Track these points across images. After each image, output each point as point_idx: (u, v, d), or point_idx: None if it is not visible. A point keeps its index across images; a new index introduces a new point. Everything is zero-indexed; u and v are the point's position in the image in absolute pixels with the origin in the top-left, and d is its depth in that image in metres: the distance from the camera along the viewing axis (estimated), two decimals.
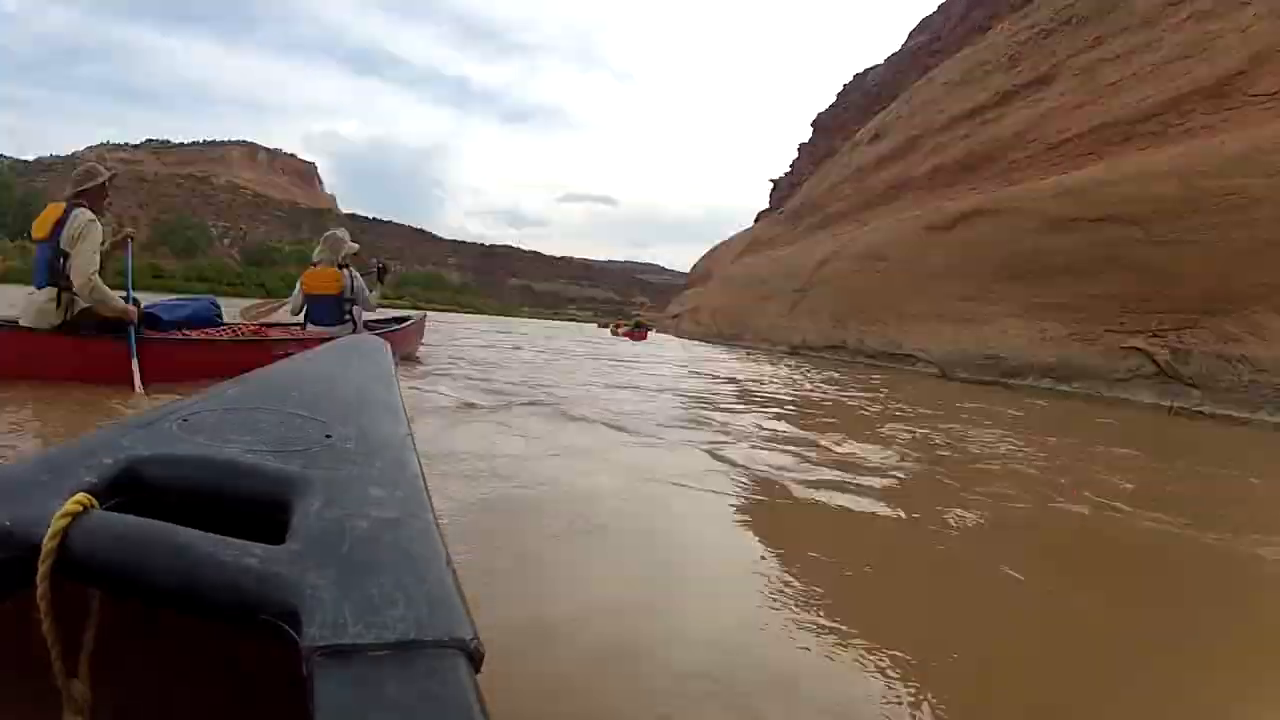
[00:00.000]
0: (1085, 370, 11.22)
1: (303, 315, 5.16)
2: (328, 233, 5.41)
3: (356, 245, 5.38)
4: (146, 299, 3.82)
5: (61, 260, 3.31)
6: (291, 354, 1.93)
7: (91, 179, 3.49)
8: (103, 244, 3.45)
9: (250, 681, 0.64)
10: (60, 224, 3.32)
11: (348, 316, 5.11)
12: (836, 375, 11.31)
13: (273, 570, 0.49)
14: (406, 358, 6.03)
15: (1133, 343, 10.74)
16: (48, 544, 0.49)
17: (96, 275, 3.34)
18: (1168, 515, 2.80)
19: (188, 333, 3.88)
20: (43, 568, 0.49)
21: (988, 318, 13.20)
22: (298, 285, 5.22)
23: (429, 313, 8.78)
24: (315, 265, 5.21)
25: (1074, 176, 12.88)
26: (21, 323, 3.37)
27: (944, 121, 20.64)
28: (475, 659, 0.46)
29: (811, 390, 7.90)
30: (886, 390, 8.80)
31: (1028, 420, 6.66)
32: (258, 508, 0.63)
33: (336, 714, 0.39)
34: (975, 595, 1.84)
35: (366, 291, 5.29)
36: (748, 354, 18.76)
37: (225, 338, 4.05)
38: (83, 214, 3.34)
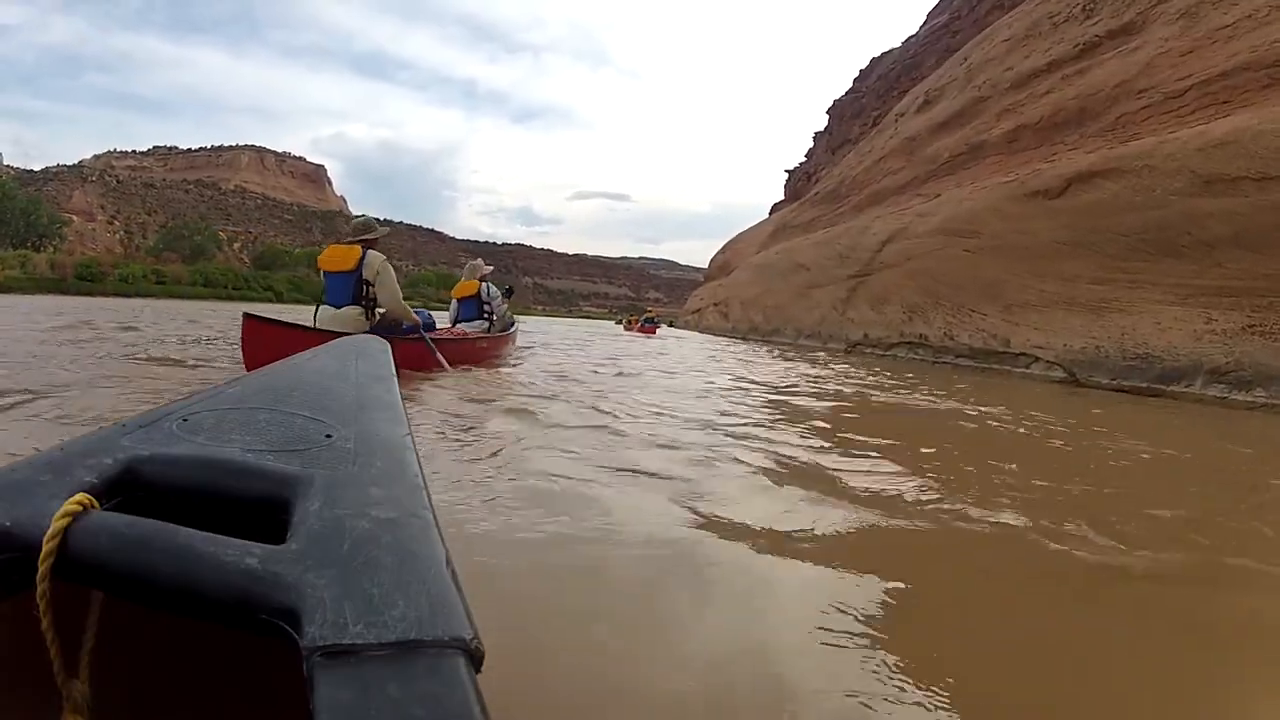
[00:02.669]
0: (1269, 373, 8.62)
1: (450, 320, 6.84)
2: (471, 261, 7.22)
3: (491, 267, 7.22)
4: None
5: (366, 287, 4.63)
6: (483, 346, 6.25)
7: (370, 231, 4.91)
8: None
9: (250, 682, 0.63)
10: (360, 261, 4.62)
11: (485, 315, 6.70)
12: (935, 380, 8.79)
13: (273, 570, 0.49)
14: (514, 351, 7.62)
15: None
16: (48, 544, 0.48)
17: (400, 296, 4.82)
18: None
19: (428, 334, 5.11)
20: (42, 568, 0.48)
21: (1128, 304, 10.55)
22: (452, 301, 6.98)
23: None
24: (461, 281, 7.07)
25: (1222, 126, 10.37)
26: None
27: (1015, 79, 18.01)
28: (475, 659, 0.46)
29: (922, 404, 5.51)
30: (1047, 413, 6.37)
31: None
32: (258, 508, 0.61)
33: (337, 714, 0.39)
34: None
35: (501, 300, 6.96)
36: (794, 353, 16.30)
37: (458, 338, 5.91)
38: (378, 256, 4.73)
